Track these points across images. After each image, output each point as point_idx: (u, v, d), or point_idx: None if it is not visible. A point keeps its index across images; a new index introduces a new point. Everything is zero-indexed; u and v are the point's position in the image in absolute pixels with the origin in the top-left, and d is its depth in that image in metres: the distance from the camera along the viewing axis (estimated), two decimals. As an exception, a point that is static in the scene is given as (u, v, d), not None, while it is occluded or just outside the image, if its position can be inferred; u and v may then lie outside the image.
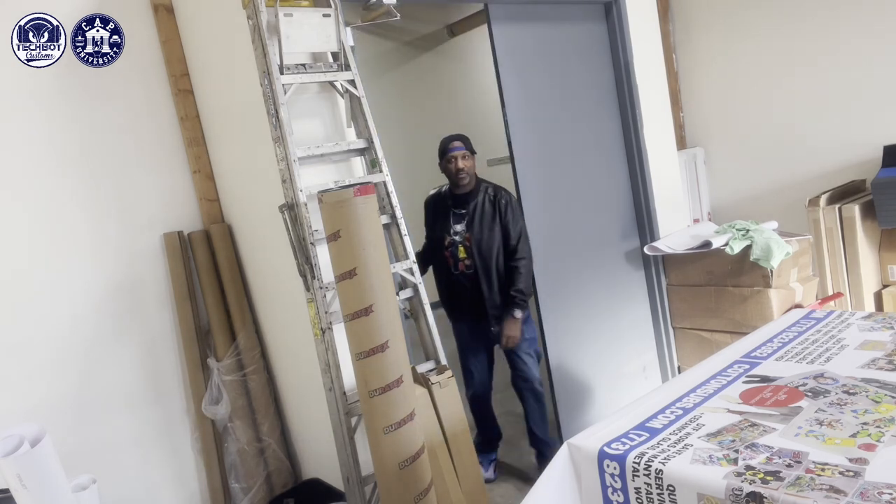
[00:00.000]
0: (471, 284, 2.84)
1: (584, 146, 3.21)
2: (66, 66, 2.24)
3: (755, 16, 4.03)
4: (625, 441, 1.46)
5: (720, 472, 1.26)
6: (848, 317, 2.12)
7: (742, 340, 2.08)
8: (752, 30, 4.07)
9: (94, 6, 2.36)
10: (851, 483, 1.15)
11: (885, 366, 1.65)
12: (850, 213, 3.48)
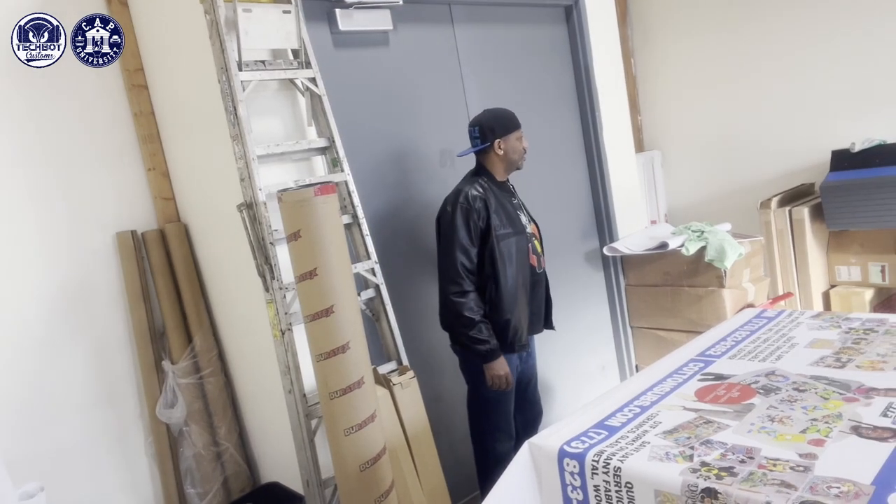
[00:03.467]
0: (545, 285, 2.57)
1: (544, 148, 3.24)
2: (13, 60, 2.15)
3: (712, 23, 4.14)
4: (584, 440, 1.48)
5: (676, 468, 1.29)
6: (798, 316, 2.19)
7: (697, 339, 2.13)
8: (709, 37, 4.18)
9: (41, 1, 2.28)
10: (802, 477, 1.18)
11: (832, 363, 1.71)
12: (800, 215, 3.60)
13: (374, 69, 2.60)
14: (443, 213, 2.36)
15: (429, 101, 2.78)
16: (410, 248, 2.70)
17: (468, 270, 2.29)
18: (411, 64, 2.71)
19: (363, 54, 2.57)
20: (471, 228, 2.29)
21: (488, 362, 2.31)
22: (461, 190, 2.34)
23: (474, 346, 2.29)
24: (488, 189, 2.37)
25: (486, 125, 2.40)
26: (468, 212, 2.29)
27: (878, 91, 3.62)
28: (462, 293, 2.27)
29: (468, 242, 2.29)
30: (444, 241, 2.33)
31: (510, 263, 2.34)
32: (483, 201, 2.31)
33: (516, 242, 2.37)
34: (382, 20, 2.55)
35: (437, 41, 2.81)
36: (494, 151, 2.40)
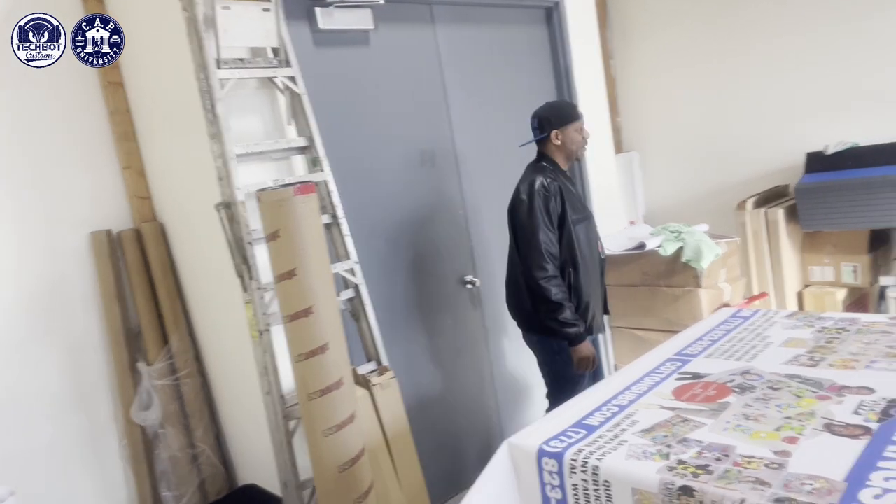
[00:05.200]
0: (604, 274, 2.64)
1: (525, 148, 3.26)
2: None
3: (690, 27, 4.19)
4: (563, 439, 1.48)
5: (653, 466, 1.30)
6: (772, 315, 2.22)
7: (674, 339, 2.15)
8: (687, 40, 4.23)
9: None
10: (776, 475, 1.20)
11: (806, 362, 1.74)
12: (775, 216, 3.66)
13: (355, 68, 2.59)
14: (518, 202, 2.40)
15: (410, 100, 2.77)
16: (391, 248, 2.70)
17: (552, 255, 2.34)
18: (392, 64, 2.71)
19: (344, 53, 2.56)
20: (550, 214, 2.35)
21: (576, 345, 2.37)
22: (534, 178, 2.39)
23: (563, 330, 2.34)
24: (557, 176, 2.43)
25: (543, 117, 2.49)
26: (546, 198, 2.35)
27: (851, 94, 3.69)
28: (549, 278, 2.32)
29: (550, 227, 2.35)
30: (525, 229, 2.36)
31: (586, 248, 2.44)
32: (558, 187, 2.38)
33: (586, 227, 2.47)
34: (363, 19, 2.54)
35: (419, 41, 2.81)
36: (552, 142, 2.47)
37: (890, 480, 1.12)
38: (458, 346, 2.94)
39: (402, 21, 2.74)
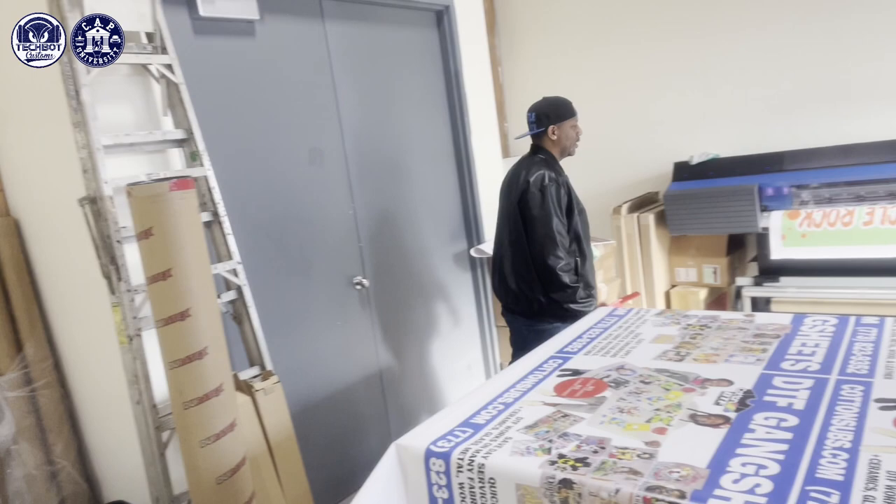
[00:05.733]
0: None
1: (415, 151, 3.27)
2: None
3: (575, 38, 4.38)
4: (450, 438, 1.49)
5: (536, 462, 1.34)
6: (644, 314, 2.37)
7: (557, 337, 2.23)
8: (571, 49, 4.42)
9: None
10: (647, 464, 1.27)
11: (673, 357, 1.87)
12: (647, 221, 3.91)
13: (240, 60, 2.48)
14: (530, 194, 2.51)
15: (298, 96, 2.70)
16: (277, 248, 2.61)
17: (564, 244, 2.49)
18: (279, 57, 2.62)
19: (227, 43, 2.44)
20: (561, 204, 2.49)
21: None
22: (543, 171, 2.52)
23: (584, 309, 2.49)
24: (561, 170, 2.60)
25: (541, 112, 2.62)
26: (558, 189, 2.49)
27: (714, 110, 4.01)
28: (564, 265, 2.47)
29: (562, 216, 2.49)
30: (538, 220, 2.48)
31: (587, 238, 2.62)
32: (565, 181, 2.55)
33: (585, 219, 2.66)
34: (247, 8, 2.44)
35: (307, 36, 2.74)
36: (549, 136, 2.61)
37: (746, 465, 1.22)
38: (347, 348, 2.90)
39: (290, 14, 2.66)
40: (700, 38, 3.97)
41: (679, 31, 4.03)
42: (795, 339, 1.89)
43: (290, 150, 2.67)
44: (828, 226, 3.52)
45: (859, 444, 1.25)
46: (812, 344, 1.83)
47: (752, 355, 1.80)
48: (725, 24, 3.92)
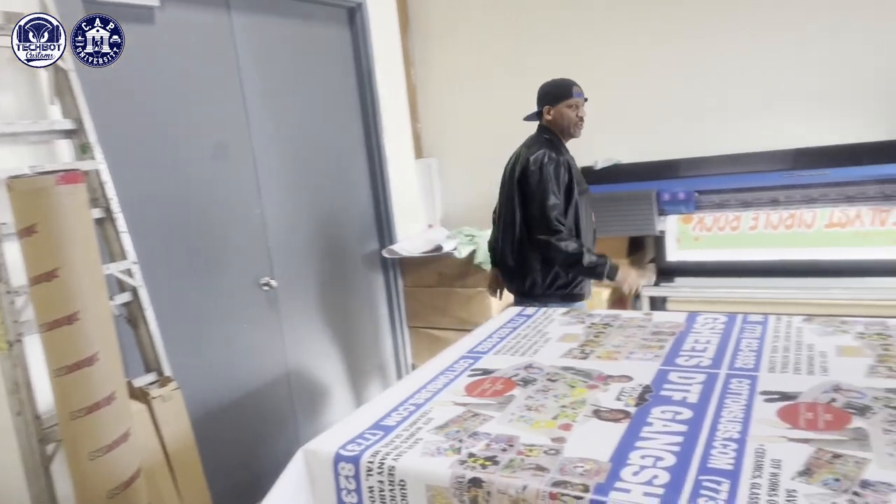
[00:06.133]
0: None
1: (326, 149, 3.21)
2: None
3: (487, 41, 4.44)
4: (360, 442, 1.47)
5: (446, 462, 1.34)
6: (551, 313, 2.43)
7: (467, 337, 2.25)
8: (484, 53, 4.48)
9: None
10: (553, 460, 1.30)
11: (578, 355, 1.93)
12: (555, 223, 4.00)
13: (138, 48, 2.34)
14: (529, 172, 2.56)
15: (201, 89, 2.58)
16: (177, 247, 2.48)
17: (561, 219, 2.50)
18: (182, 47, 2.50)
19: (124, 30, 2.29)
20: (559, 182, 2.51)
21: (615, 275, 2.51)
22: (543, 150, 2.57)
23: (597, 271, 2.49)
24: (563, 149, 2.62)
25: (540, 93, 2.71)
26: (556, 167, 2.52)
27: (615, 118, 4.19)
28: (563, 237, 2.48)
29: (559, 193, 2.51)
30: (536, 197, 2.52)
31: (585, 219, 2.63)
32: (566, 160, 2.57)
33: (586, 200, 2.67)
34: (146, -6, 2.31)
35: (212, 26, 2.62)
36: (545, 117, 2.67)
37: (645, 458, 1.28)
38: (254, 351, 2.80)
39: (194, 3, 2.54)
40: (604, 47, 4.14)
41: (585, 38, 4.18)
42: (689, 336, 2.00)
43: (192, 145, 2.55)
44: (717, 230, 3.77)
45: (747, 434, 1.33)
46: (704, 341, 1.95)
47: (650, 352, 1.89)
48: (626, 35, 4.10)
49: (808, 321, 2.02)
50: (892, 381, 1.52)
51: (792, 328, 1.97)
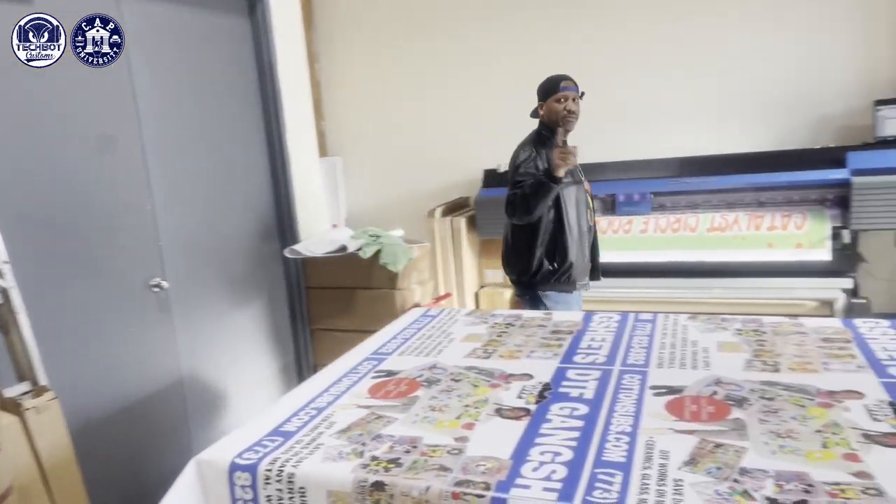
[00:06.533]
0: (593, 241, 2.84)
1: (225, 145, 3.08)
2: None
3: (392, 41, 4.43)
4: (258, 449, 1.42)
5: (348, 466, 1.32)
6: (455, 313, 2.46)
7: (371, 338, 2.23)
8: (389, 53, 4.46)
9: None
10: (456, 460, 1.31)
11: (481, 354, 1.96)
12: (459, 224, 4.08)
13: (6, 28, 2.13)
14: (512, 160, 2.70)
15: (84, 77, 2.39)
16: (55, 245, 2.29)
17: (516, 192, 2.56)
18: (61, 29, 2.30)
19: (-8, 7, 2.09)
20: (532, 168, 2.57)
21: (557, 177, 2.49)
22: (526, 143, 2.71)
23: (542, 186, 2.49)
24: (549, 144, 2.64)
25: (538, 92, 2.72)
26: (527, 158, 2.61)
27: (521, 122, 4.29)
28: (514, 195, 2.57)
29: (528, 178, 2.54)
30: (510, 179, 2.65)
31: (572, 208, 2.66)
32: (544, 151, 2.61)
33: (576, 191, 2.69)
34: (21, -29, 2.11)
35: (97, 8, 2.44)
36: (539, 114, 2.73)
37: (544, 454, 1.31)
38: (143, 356, 2.63)
39: (77, -17, 2.35)
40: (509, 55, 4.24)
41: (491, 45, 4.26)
42: (586, 334, 2.08)
43: (73, 137, 2.36)
44: (612, 233, 3.95)
45: (638, 427, 1.40)
46: (599, 339, 2.03)
47: (549, 350, 1.94)
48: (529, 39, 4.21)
49: (693, 319, 2.16)
50: (766, 375, 1.64)
51: (678, 326, 2.10)
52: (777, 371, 1.66)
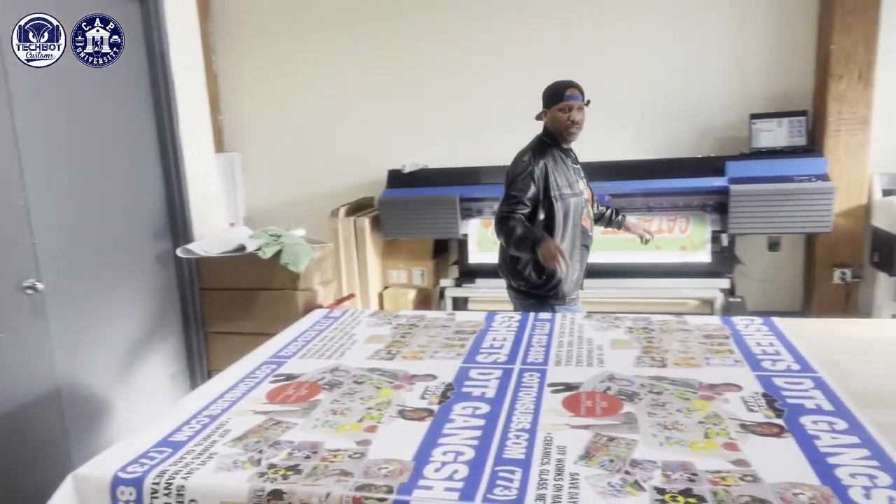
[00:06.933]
0: (589, 250, 2.79)
1: (111, 138, 2.88)
2: None
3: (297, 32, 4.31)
4: (144, 462, 1.33)
5: (244, 475, 1.26)
6: (358, 315, 2.43)
7: (271, 341, 2.16)
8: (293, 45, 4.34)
9: None
10: (358, 464, 1.29)
11: (384, 356, 1.94)
12: (363, 224, 4.04)
13: None
14: (510, 170, 2.63)
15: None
16: None
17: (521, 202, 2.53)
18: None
19: None
20: (527, 183, 2.53)
21: (539, 245, 2.43)
22: (527, 151, 2.64)
23: (527, 242, 2.46)
24: (550, 152, 2.61)
25: (543, 96, 2.66)
26: (525, 168, 2.56)
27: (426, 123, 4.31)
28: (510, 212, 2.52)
29: (520, 191, 2.53)
30: (506, 190, 2.59)
31: (566, 222, 2.60)
32: (543, 162, 2.57)
33: (574, 203, 2.62)
34: None
35: None
36: (543, 119, 2.67)
37: (447, 454, 1.32)
38: (14, 364, 2.41)
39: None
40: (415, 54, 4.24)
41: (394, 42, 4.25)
42: (488, 334, 2.12)
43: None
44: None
45: (537, 424, 1.44)
46: (501, 338, 2.07)
47: (452, 350, 1.96)
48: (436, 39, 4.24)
49: (588, 318, 2.25)
50: (654, 370, 1.74)
51: (575, 324, 2.18)
52: (664, 366, 1.76)
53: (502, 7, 4.11)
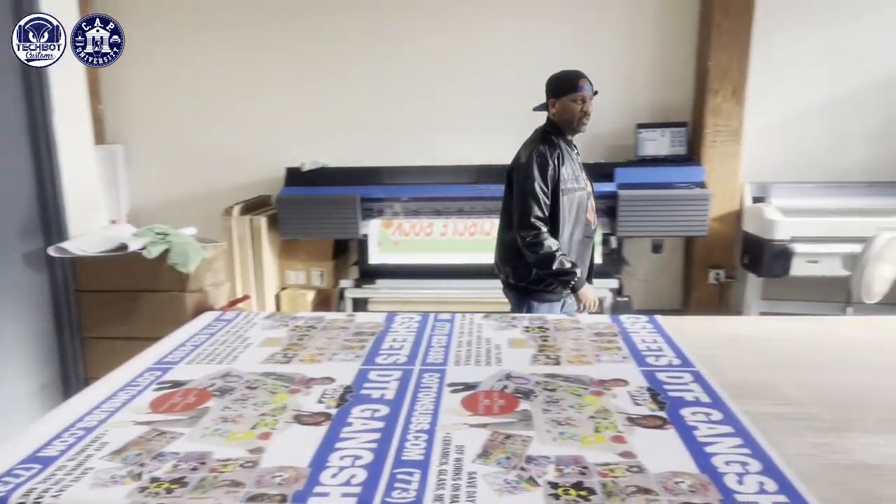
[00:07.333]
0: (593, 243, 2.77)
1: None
2: None
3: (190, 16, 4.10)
4: (7, 481, 1.21)
5: (123, 491, 1.17)
6: (253, 317, 2.33)
7: (156, 346, 2.04)
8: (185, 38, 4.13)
9: None
10: (250, 473, 1.23)
11: (280, 359, 1.88)
12: (259, 223, 3.90)
13: None
14: (517, 165, 2.57)
15: None
16: None
17: (541, 219, 2.50)
18: None
19: None
20: (546, 180, 2.49)
21: (578, 289, 2.52)
22: (536, 145, 2.56)
23: (563, 278, 2.50)
24: (558, 144, 2.56)
25: (546, 85, 2.62)
26: (543, 165, 2.49)
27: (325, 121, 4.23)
28: (539, 234, 2.48)
29: (543, 192, 2.49)
30: (521, 192, 2.52)
31: (570, 216, 2.57)
32: (556, 156, 2.52)
33: (579, 197, 2.60)
34: None
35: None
36: (550, 110, 2.60)
37: (344, 458, 1.29)
38: None
39: None
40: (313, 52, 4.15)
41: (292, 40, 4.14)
42: (388, 335, 2.10)
43: None
44: (414, 235, 4.06)
45: (436, 425, 1.44)
46: (401, 339, 2.06)
47: (352, 352, 1.93)
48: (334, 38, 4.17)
49: (487, 318, 2.28)
50: (549, 368, 1.79)
51: (474, 324, 2.20)
52: (558, 364, 1.82)
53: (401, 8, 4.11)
